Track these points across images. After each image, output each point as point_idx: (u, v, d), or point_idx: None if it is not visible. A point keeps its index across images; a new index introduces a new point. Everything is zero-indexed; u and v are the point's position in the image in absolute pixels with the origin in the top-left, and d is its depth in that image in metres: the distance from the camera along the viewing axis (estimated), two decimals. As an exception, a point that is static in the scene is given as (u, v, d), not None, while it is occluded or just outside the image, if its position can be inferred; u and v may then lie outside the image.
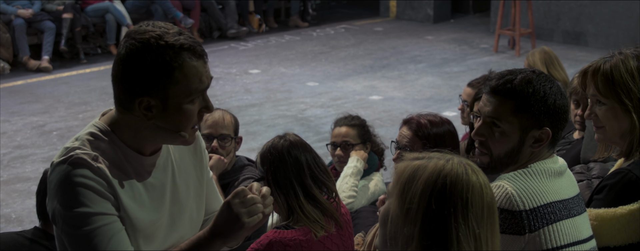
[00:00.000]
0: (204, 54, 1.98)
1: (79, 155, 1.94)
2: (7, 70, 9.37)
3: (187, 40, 1.93)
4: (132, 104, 1.95)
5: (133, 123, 1.99)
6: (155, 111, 1.96)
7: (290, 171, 2.87)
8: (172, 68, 1.91)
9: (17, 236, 3.08)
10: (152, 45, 1.90)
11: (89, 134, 2.01)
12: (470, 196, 1.74)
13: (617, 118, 2.43)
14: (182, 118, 1.98)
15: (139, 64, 1.91)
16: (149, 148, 2.06)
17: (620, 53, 2.46)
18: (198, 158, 2.23)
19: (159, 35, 1.91)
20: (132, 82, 1.93)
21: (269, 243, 2.75)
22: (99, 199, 1.93)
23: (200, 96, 1.99)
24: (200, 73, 1.96)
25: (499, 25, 10.26)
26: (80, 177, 1.91)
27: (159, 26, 1.94)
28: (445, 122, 3.31)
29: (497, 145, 2.25)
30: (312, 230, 2.81)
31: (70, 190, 1.91)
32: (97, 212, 1.92)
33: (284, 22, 12.53)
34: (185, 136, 2.01)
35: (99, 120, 2.05)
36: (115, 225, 1.94)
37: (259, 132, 7.21)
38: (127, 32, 1.98)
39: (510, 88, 2.21)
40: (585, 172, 2.94)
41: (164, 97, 1.94)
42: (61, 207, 1.92)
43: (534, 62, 5.14)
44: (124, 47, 1.93)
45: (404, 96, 8.44)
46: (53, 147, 6.85)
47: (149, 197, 2.05)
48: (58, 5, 9.78)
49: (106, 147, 1.99)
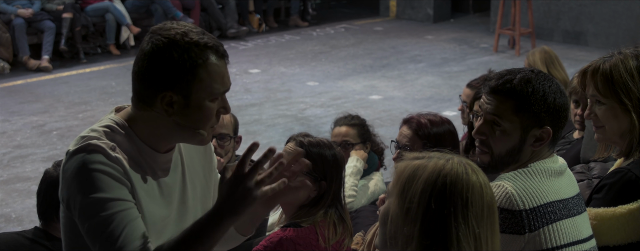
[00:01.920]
0: (226, 55, 2.01)
1: (96, 142, 1.94)
2: (7, 70, 9.37)
3: (211, 40, 1.97)
4: (154, 99, 1.97)
5: (151, 120, 2.00)
6: (177, 107, 1.97)
7: (340, 166, 2.90)
8: (196, 65, 1.93)
9: (18, 236, 3.08)
10: (178, 42, 1.93)
11: (105, 126, 2.01)
12: (470, 195, 1.74)
13: (617, 118, 2.44)
14: (203, 116, 1.99)
15: (165, 59, 1.93)
16: (164, 146, 2.06)
17: (619, 53, 2.46)
18: (207, 160, 2.24)
19: (185, 32, 1.95)
20: (156, 77, 1.94)
21: (279, 241, 2.73)
22: (116, 184, 1.92)
23: (220, 96, 2.01)
24: (223, 73, 1.98)
25: (499, 24, 10.26)
26: (98, 163, 1.92)
27: (183, 25, 1.98)
28: (445, 121, 3.31)
29: (498, 144, 2.25)
30: (319, 228, 2.80)
31: (88, 176, 1.91)
32: (114, 198, 1.91)
33: (284, 21, 12.53)
34: (204, 134, 2.02)
35: (115, 115, 2.06)
36: (132, 211, 1.93)
37: (258, 132, 7.21)
38: (150, 29, 2.00)
39: (510, 87, 2.22)
40: (586, 172, 2.94)
41: (187, 94, 1.95)
42: (78, 194, 1.91)
43: (534, 62, 5.14)
44: (148, 43, 1.95)
45: (404, 96, 8.44)
46: (53, 147, 6.86)
47: (160, 193, 2.06)
48: (58, 5, 9.78)
49: (122, 140, 2.00)
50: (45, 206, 3.06)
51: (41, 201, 3.10)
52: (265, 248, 2.73)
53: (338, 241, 2.86)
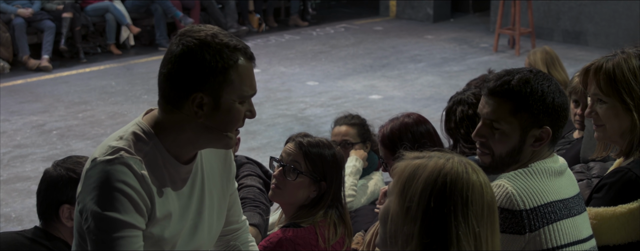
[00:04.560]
0: (254, 58, 2.02)
1: (126, 159, 1.94)
2: (6, 70, 9.36)
3: (240, 42, 1.98)
4: (184, 101, 1.96)
5: (178, 124, 2.00)
6: (207, 109, 1.97)
7: (340, 166, 2.90)
8: (228, 66, 1.94)
9: (18, 236, 3.07)
10: (209, 43, 1.94)
11: (133, 135, 2.01)
12: (471, 195, 1.74)
13: (618, 117, 2.44)
14: (232, 118, 1.99)
15: (196, 60, 1.93)
16: (187, 154, 2.06)
17: (622, 52, 2.46)
18: (226, 169, 2.24)
19: (214, 33, 1.96)
20: (188, 78, 1.95)
21: (278, 242, 2.73)
22: (132, 210, 1.93)
23: (247, 99, 2.01)
24: (251, 76, 2.00)
25: (499, 24, 10.26)
26: (122, 183, 1.92)
27: (211, 27, 1.99)
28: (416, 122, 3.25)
29: (498, 146, 2.25)
30: (318, 229, 2.80)
31: (108, 193, 1.92)
32: (127, 222, 1.93)
33: (284, 21, 12.53)
34: (231, 137, 2.03)
35: (142, 119, 2.05)
36: (137, 239, 1.95)
37: (258, 131, 7.21)
38: (179, 32, 2.00)
39: (508, 89, 2.22)
40: (586, 171, 2.94)
41: (217, 95, 1.96)
42: (95, 206, 1.92)
43: (535, 62, 5.14)
44: (178, 45, 1.95)
45: (404, 95, 8.44)
46: (53, 147, 6.85)
47: (178, 206, 2.06)
48: (58, 5, 9.77)
49: (149, 150, 2.00)
50: (45, 206, 3.05)
51: (41, 201, 3.09)
52: (264, 249, 2.72)
53: (338, 241, 2.86)
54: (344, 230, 2.87)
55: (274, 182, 2.87)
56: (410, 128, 3.12)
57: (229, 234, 2.43)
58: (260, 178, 3.53)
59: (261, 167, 3.67)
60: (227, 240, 2.44)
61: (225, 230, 2.39)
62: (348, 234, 2.90)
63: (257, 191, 3.39)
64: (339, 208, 2.87)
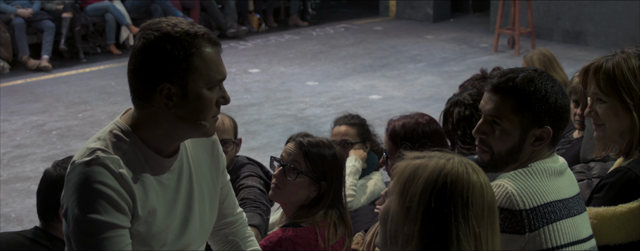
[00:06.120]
0: (219, 43, 2.02)
1: (102, 159, 1.94)
2: (6, 70, 9.36)
3: (201, 29, 1.99)
4: (153, 94, 1.97)
5: (153, 118, 2.00)
6: (176, 99, 1.97)
7: (340, 166, 2.89)
8: (190, 53, 1.95)
9: (17, 236, 3.08)
10: (169, 33, 1.95)
11: (110, 134, 2.01)
12: (471, 195, 1.74)
13: (618, 117, 2.44)
14: (202, 106, 1.99)
15: (158, 52, 1.94)
16: (168, 147, 2.06)
17: (622, 52, 2.46)
18: (215, 162, 2.24)
19: (174, 23, 1.97)
20: (152, 71, 1.95)
21: (278, 241, 2.73)
22: (113, 210, 1.94)
23: (217, 86, 2.02)
24: (217, 61, 2.00)
25: (499, 24, 10.26)
26: (100, 184, 1.92)
27: (171, 18, 2.01)
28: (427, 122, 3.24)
29: (498, 143, 2.25)
30: (318, 229, 2.80)
31: (88, 195, 1.92)
32: (109, 222, 1.93)
33: (284, 21, 12.53)
34: (206, 125, 2.03)
35: (120, 118, 2.06)
36: (123, 238, 1.96)
37: (258, 132, 7.21)
38: (141, 26, 2.02)
39: (512, 86, 2.22)
40: (586, 171, 2.94)
41: (184, 84, 1.96)
42: (76, 209, 1.93)
43: (532, 64, 5.14)
44: (140, 39, 1.97)
45: (404, 95, 8.44)
46: (52, 147, 6.85)
47: (164, 200, 2.06)
48: (58, 5, 9.77)
49: (128, 148, 2.00)
50: (45, 206, 3.05)
51: (41, 201, 3.09)
52: (264, 248, 2.72)
53: (338, 241, 2.86)
54: (344, 230, 2.87)
55: (274, 182, 2.87)
56: (423, 127, 3.10)
57: (226, 228, 2.43)
58: (261, 179, 3.53)
59: (262, 167, 3.68)
60: (224, 235, 2.44)
61: (222, 224, 2.39)
62: (348, 234, 2.90)
63: (257, 192, 3.40)
64: (339, 208, 2.87)
